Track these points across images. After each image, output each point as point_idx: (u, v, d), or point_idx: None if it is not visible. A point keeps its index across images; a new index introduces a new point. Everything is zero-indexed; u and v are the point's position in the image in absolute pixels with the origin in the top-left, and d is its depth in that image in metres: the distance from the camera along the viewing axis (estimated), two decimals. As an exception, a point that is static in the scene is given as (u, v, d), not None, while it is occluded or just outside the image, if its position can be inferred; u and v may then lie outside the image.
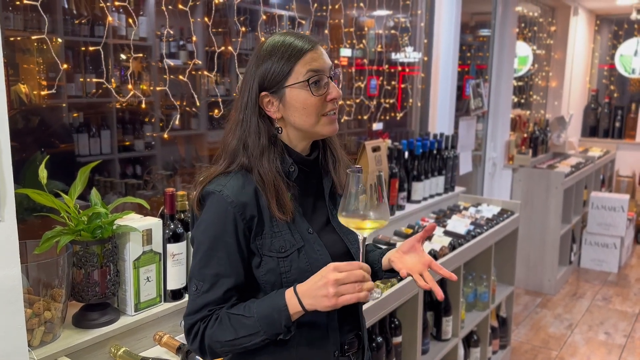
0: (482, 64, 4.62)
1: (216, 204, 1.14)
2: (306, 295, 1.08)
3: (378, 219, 1.10)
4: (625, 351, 3.63)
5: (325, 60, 1.17)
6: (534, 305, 4.38)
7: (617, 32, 6.74)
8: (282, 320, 1.09)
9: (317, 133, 1.20)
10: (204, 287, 1.15)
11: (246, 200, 1.15)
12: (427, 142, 2.95)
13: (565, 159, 5.36)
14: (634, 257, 5.58)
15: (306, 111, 1.16)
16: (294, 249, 1.17)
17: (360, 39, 3.01)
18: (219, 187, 1.15)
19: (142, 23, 2.65)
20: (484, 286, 2.95)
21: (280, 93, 1.16)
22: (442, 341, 2.61)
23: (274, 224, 1.17)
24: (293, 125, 1.19)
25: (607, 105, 6.62)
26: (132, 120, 2.86)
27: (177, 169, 3.12)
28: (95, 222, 1.44)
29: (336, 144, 1.30)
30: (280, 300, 1.09)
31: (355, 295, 1.05)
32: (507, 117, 4.65)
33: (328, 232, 1.25)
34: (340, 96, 1.20)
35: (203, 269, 1.15)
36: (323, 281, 1.06)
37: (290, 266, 1.16)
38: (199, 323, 1.15)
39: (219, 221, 1.14)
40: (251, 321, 1.10)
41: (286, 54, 1.14)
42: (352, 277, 1.05)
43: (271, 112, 1.18)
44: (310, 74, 1.14)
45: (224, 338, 1.12)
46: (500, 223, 2.96)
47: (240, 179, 1.17)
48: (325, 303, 1.05)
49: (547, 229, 4.55)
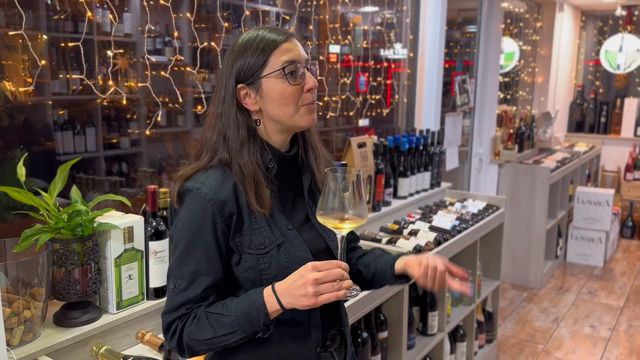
0: (469, 60, 4.63)
1: (194, 202, 1.14)
2: (285, 294, 1.08)
3: (356, 217, 1.10)
4: (610, 344, 3.67)
5: (300, 52, 1.18)
6: (520, 300, 4.42)
7: (602, 28, 6.80)
8: (261, 318, 1.08)
9: (296, 125, 1.19)
10: (181, 285, 1.14)
11: (225, 197, 1.14)
12: (413, 138, 2.96)
13: (551, 154, 5.40)
14: (619, 251, 5.65)
15: (284, 101, 1.16)
16: (274, 246, 1.16)
17: (346, 35, 3.01)
18: (197, 185, 1.15)
19: (127, 19, 2.63)
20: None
21: (257, 84, 1.16)
22: (428, 336, 2.62)
23: (253, 220, 1.16)
24: (271, 117, 1.19)
25: (593, 101, 6.68)
26: (117, 117, 2.83)
27: (163, 166, 3.10)
28: (75, 220, 1.42)
29: (316, 139, 1.29)
30: (259, 298, 1.09)
31: (334, 294, 1.06)
32: (493, 113, 4.68)
33: (308, 229, 1.24)
34: (317, 86, 1.20)
35: (181, 267, 1.14)
36: (302, 280, 1.06)
37: (270, 263, 1.15)
38: (177, 321, 1.14)
39: (197, 219, 1.13)
40: (229, 320, 1.10)
41: (261, 45, 1.15)
42: (331, 276, 1.05)
43: (248, 104, 1.18)
44: (285, 64, 1.15)
45: (202, 337, 1.11)
46: (485, 218, 2.97)
47: (219, 175, 1.16)
48: (304, 302, 1.06)
49: (533, 223, 4.58)
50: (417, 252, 2.35)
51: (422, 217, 2.86)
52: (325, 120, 3.23)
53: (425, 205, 3.11)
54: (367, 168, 2.62)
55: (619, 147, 6.46)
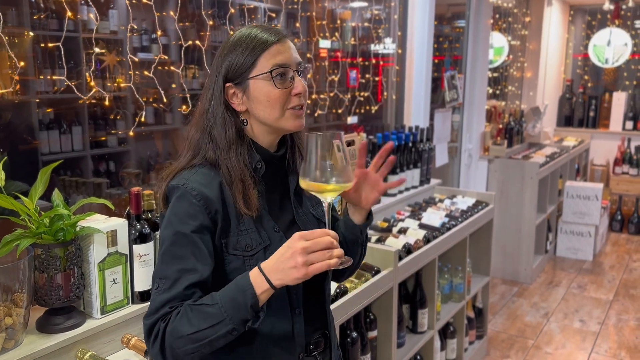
0: (458, 55, 4.63)
1: (180, 198, 1.11)
2: (273, 270, 1.02)
3: (341, 182, 1.07)
4: (599, 338, 3.70)
5: (292, 54, 1.15)
6: (510, 295, 4.44)
7: (591, 23, 6.82)
8: (248, 301, 1.01)
9: (282, 128, 1.17)
10: (165, 285, 1.08)
11: (211, 194, 1.11)
12: (402, 135, 2.95)
13: (541, 149, 5.41)
14: (608, 245, 5.68)
15: (270, 104, 1.13)
16: (260, 248, 1.14)
17: (334, 31, 2.99)
18: (183, 181, 1.12)
19: (113, 16, 2.59)
20: (459, 277, 2.97)
21: (245, 85, 1.14)
22: (418, 334, 2.62)
23: (240, 222, 1.14)
24: (257, 119, 1.17)
25: (582, 95, 6.71)
26: (103, 116, 2.80)
27: (152, 165, 3.07)
28: (57, 225, 1.40)
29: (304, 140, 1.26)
30: (245, 281, 1.03)
31: (326, 262, 1.00)
32: (482, 108, 4.68)
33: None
34: (306, 92, 1.18)
35: (165, 266, 1.09)
36: (290, 251, 1.00)
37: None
38: (159, 322, 1.06)
39: (183, 215, 1.10)
40: (215, 309, 1.02)
41: (251, 45, 1.13)
42: (320, 244, 1.00)
43: (235, 104, 1.16)
44: (275, 67, 1.12)
45: (186, 332, 1.02)
46: (474, 215, 2.97)
47: (205, 172, 1.14)
48: (295, 275, 1.00)
49: (523, 218, 4.60)
50: (406, 250, 2.34)
51: (412, 214, 2.85)
52: (314, 118, 3.21)
53: (415, 203, 3.10)
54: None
55: (607, 141, 6.49)
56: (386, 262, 2.18)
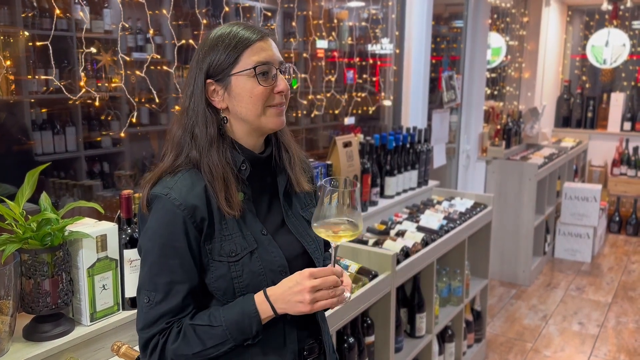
0: (456, 56, 4.59)
1: (163, 208, 1.09)
2: (279, 300, 1.08)
3: (351, 227, 1.10)
4: (598, 341, 3.67)
5: (274, 53, 1.14)
6: (508, 297, 4.40)
7: (589, 23, 6.79)
8: (254, 326, 1.08)
9: (263, 126, 1.15)
10: (157, 297, 1.09)
11: (195, 202, 1.10)
12: (400, 136, 2.91)
13: (539, 150, 5.38)
14: (607, 246, 5.66)
15: (252, 100, 1.12)
16: (246, 252, 1.12)
17: (331, 31, 2.95)
18: (166, 190, 1.10)
19: (107, 15, 2.54)
20: (457, 280, 2.93)
21: (226, 81, 1.13)
22: (416, 338, 2.58)
23: (223, 226, 1.12)
24: (238, 116, 1.15)
25: (580, 96, 6.68)
26: (97, 116, 2.75)
27: (147, 166, 3.02)
28: (44, 229, 1.35)
29: (290, 139, 1.26)
30: (250, 306, 1.08)
31: (330, 301, 1.08)
32: (480, 109, 4.65)
33: (283, 233, 1.21)
34: (288, 90, 1.16)
35: (155, 278, 1.09)
36: (299, 287, 1.06)
37: (242, 270, 1.12)
38: (157, 336, 1.09)
39: (168, 226, 1.09)
40: (219, 330, 1.08)
41: (233, 42, 1.11)
42: (327, 284, 1.07)
43: (216, 101, 1.15)
44: (257, 64, 1.11)
45: (191, 351, 1.08)
46: (473, 217, 2.93)
47: (188, 178, 1.12)
48: (300, 309, 1.07)
49: (521, 220, 4.56)
50: (404, 254, 2.31)
51: (410, 216, 2.81)
52: (311, 119, 3.17)
53: (413, 205, 3.06)
54: (353, 167, 2.57)
55: (605, 142, 6.47)
56: (384, 266, 2.14)
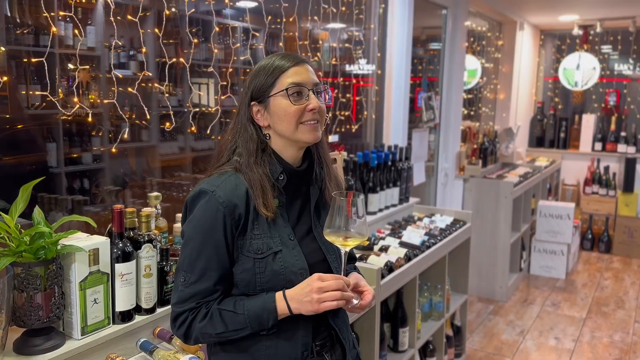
0: (433, 77, 4.72)
1: (208, 203, 1.26)
2: (293, 299, 1.24)
3: (358, 235, 1.25)
4: (574, 355, 3.75)
5: (309, 76, 1.32)
6: (486, 313, 4.48)
7: (560, 47, 7.04)
8: (271, 320, 1.25)
9: (299, 140, 1.31)
10: (191, 279, 1.26)
11: (237, 201, 1.26)
12: (382, 154, 2.98)
13: (514, 169, 5.52)
14: (580, 263, 5.80)
15: (287, 118, 1.29)
16: (270, 252, 1.28)
17: (315, 51, 3.02)
18: (213, 188, 1.27)
19: (90, 32, 2.57)
20: (438, 295, 2.99)
21: (266, 102, 1.31)
22: (399, 352, 2.61)
23: (255, 226, 1.28)
24: (277, 132, 1.32)
25: (552, 117, 6.89)
26: (79, 132, 2.76)
27: (127, 183, 3.02)
28: (38, 243, 1.36)
29: (328, 157, 1.41)
30: (271, 303, 1.25)
31: (336, 302, 1.21)
32: (457, 128, 4.77)
33: (309, 241, 1.36)
34: (320, 108, 1.32)
35: (193, 262, 1.26)
36: (308, 289, 1.22)
37: (265, 268, 1.27)
38: (187, 313, 1.27)
39: (210, 219, 1.25)
40: (241, 318, 1.25)
41: (271, 69, 1.31)
42: (333, 286, 1.21)
43: (259, 119, 1.33)
44: (290, 85, 1.29)
45: (215, 331, 1.25)
46: (453, 233, 3.01)
47: (233, 180, 1.29)
48: (309, 307, 1.22)
49: (498, 237, 4.66)
50: (388, 269, 2.35)
51: (392, 232, 2.87)
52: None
53: (395, 221, 3.12)
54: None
55: (578, 162, 6.67)
56: (368, 281, 2.15)
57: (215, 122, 2.42)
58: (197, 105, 2.37)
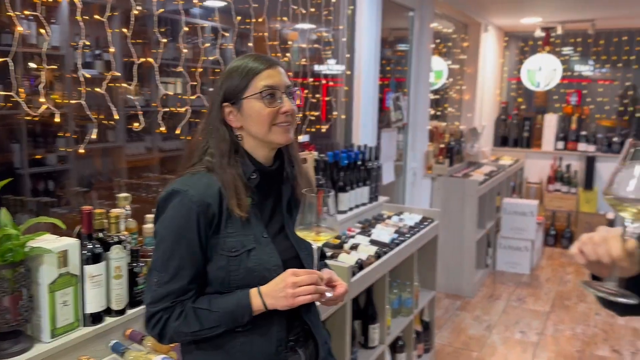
0: (401, 77, 4.78)
1: (181, 202, 1.26)
2: (268, 295, 1.25)
3: (329, 230, 1.29)
4: (538, 348, 3.86)
5: (282, 78, 1.33)
6: (454, 308, 4.57)
7: (523, 48, 7.23)
8: (246, 316, 1.26)
9: (272, 141, 1.33)
10: (165, 278, 1.26)
11: (210, 200, 1.27)
12: (352, 154, 3.01)
13: (479, 167, 5.65)
14: (544, 258, 5.97)
15: (260, 120, 1.30)
16: (244, 250, 1.29)
17: (285, 52, 3.03)
18: (185, 187, 1.28)
19: (55, 31, 2.52)
20: (407, 292, 3.04)
21: (239, 104, 1.32)
22: (369, 349, 2.65)
23: (229, 225, 1.29)
24: (250, 134, 1.33)
25: (516, 117, 7.07)
26: (44, 133, 2.70)
27: (93, 184, 2.97)
28: (5, 245, 1.34)
29: (298, 157, 1.44)
30: (246, 300, 1.26)
31: (310, 296, 1.24)
32: (425, 128, 4.85)
33: (282, 238, 1.38)
34: (293, 110, 1.34)
35: (166, 262, 1.26)
36: (282, 284, 1.24)
37: (239, 265, 1.28)
38: (161, 312, 1.27)
39: (183, 218, 1.26)
40: (216, 316, 1.26)
41: (245, 71, 1.32)
42: (307, 280, 1.24)
43: (232, 120, 1.34)
44: (264, 87, 1.30)
45: (190, 330, 1.27)
46: (421, 230, 3.06)
47: (206, 179, 1.30)
48: (284, 303, 1.24)
49: (464, 234, 4.77)
50: (359, 266, 2.39)
51: (362, 231, 2.90)
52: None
53: (365, 219, 3.16)
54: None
55: (540, 160, 6.86)
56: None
57: (185, 122, 2.41)
58: (165, 105, 2.35)
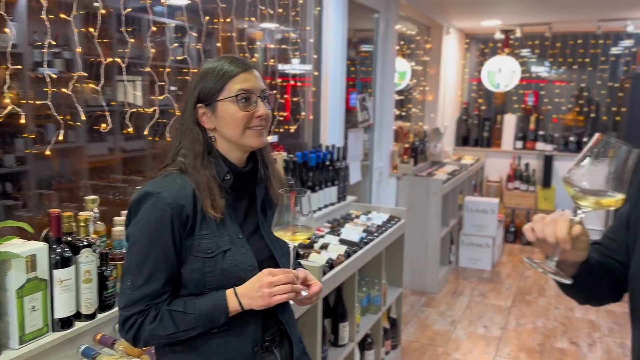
0: (366, 78, 4.83)
1: (154, 205, 1.25)
2: (245, 295, 1.25)
3: (306, 230, 1.28)
4: (501, 342, 3.98)
5: (257, 82, 1.33)
6: (419, 304, 4.65)
7: (484, 50, 7.41)
8: (222, 317, 1.26)
9: (245, 144, 1.33)
10: (139, 282, 1.25)
11: (184, 202, 1.26)
12: (321, 154, 3.03)
13: (442, 167, 5.76)
14: (504, 255, 6.14)
15: (234, 123, 1.30)
16: (220, 251, 1.28)
17: (252, 52, 3.02)
18: (159, 189, 1.26)
19: (12, 29, 2.44)
20: (376, 290, 3.08)
21: (214, 106, 1.31)
22: (339, 347, 2.68)
23: (204, 226, 1.28)
24: (224, 136, 1.33)
25: (477, 117, 7.25)
26: (1, 134, 2.62)
27: (52, 185, 2.89)
28: (-30, 250, 1.30)
29: (271, 159, 1.44)
30: (222, 301, 1.25)
31: (287, 295, 1.25)
32: (390, 128, 4.91)
33: (257, 239, 1.37)
34: (267, 114, 1.34)
35: (140, 265, 1.25)
36: (258, 284, 1.24)
37: (215, 266, 1.28)
38: (136, 316, 1.25)
39: (157, 221, 1.24)
40: (192, 318, 1.25)
41: (220, 73, 1.31)
42: (284, 280, 1.24)
43: (205, 122, 1.33)
44: (240, 91, 1.29)
45: (165, 332, 1.25)
46: (389, 229, 3.11)
47: (179, 181, 1.29)
48: (260, 302, 1.24)
49: (429, 232, 4.86)
50: (329, 265, 2.41)
51: (331, 230, 2.93)
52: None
53: (333, 219, 3.18)
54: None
55: (500, 159, 7.05)
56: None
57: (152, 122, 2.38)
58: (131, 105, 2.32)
